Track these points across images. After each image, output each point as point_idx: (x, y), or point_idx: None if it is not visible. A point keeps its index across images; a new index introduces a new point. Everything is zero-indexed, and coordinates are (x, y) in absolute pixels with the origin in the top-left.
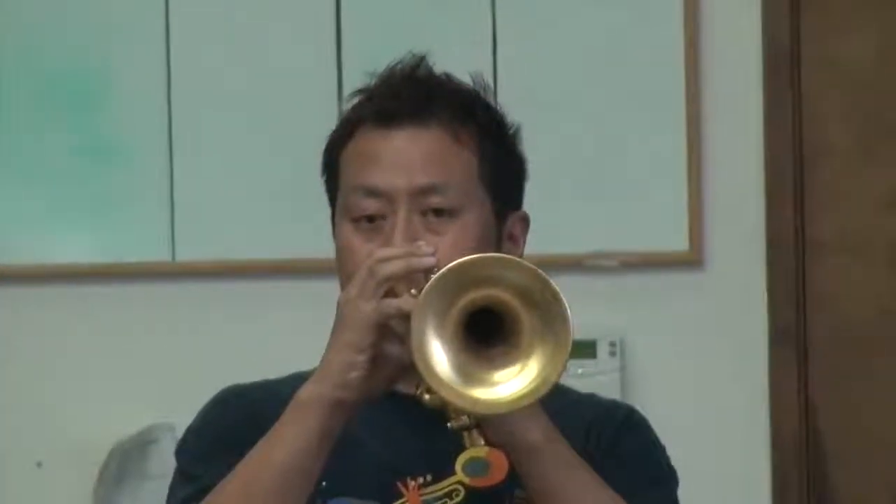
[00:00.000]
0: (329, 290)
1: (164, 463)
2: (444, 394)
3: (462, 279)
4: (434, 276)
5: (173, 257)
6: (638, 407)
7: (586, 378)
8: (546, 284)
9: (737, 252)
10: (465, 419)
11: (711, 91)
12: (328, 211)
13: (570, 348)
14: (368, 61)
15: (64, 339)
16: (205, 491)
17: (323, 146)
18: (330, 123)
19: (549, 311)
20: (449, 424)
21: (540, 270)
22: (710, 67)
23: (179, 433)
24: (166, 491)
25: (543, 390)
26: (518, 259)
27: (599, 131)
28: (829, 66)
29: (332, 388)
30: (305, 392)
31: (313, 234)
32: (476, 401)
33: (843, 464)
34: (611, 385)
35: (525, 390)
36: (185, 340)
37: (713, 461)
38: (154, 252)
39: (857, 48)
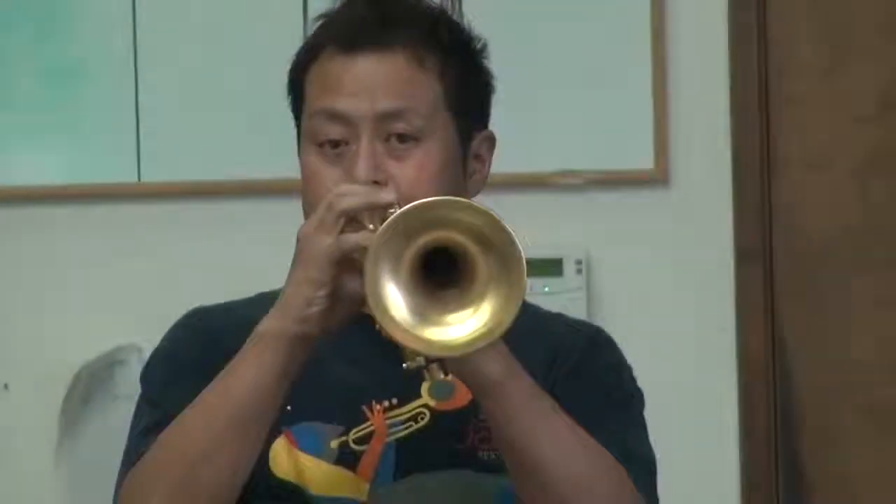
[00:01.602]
0: (296, 211)
1: (131, 383)
2: (398, 336)
3: (417, 221)
4: (388, 220)
5: (139, 178)
6: (604, 324)
7: (553, 296)
8: (501, 228)
9: (703, 170)
10: (420, 360)
11: (676, 8)
12: (294, 131)
13: (524, 291)
14: None
15: (30, 260)
16: (168, 418)
17: (287, 66)
18: (295, 43)
19: (504, 255)
20: (405, 365)
21: (495, 213)
22: None
23: (147, 354)
24: (132, 411)
25: (497, 333)
26: (472, 202)
27: (564, 47)
28: None
29: (292, 323)
30: (265, 326)
31: (279, 154)
32: (429, 342)
33: (808, 379)
34: (577, 302)
35: (478, 332)
36: (151, 261)
37: (679, 377)
38: (120, 173)
39: None
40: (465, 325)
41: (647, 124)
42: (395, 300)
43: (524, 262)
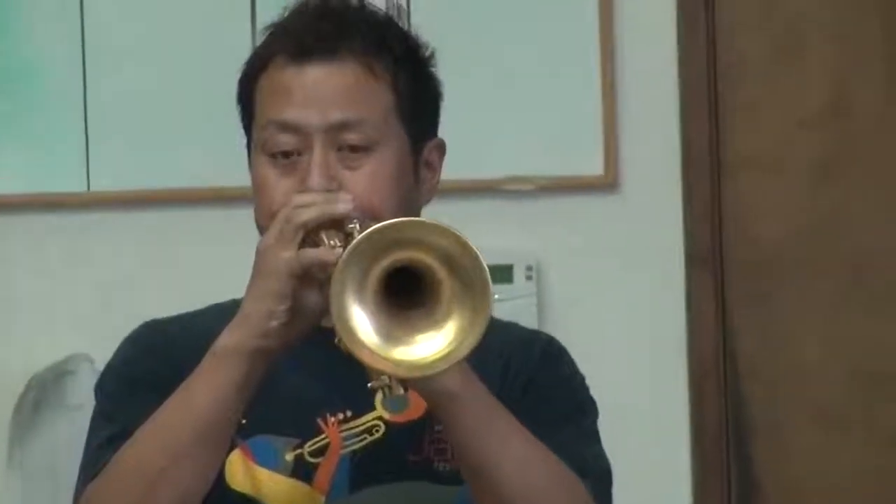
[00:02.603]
0: (246, 219)
1: (81, 393)
2: (365, 358)
3: (381, 243)
4: (352, 242)
5: (88, 187)
6: (554, 330)
7: (503, 302)
8: (467, 248)
9: (652, 175)
10: (385, 379)
11: (624, 12)
12: (244, 139)
13: (490, 312)
14: None
15: None
16: (124, 433)
17: (236, 74)
18: (244, 51)
19: (470, 275)
20: (369, 385)
21: (461, 234)
22: None
23: (97, 364)
24: (84, 421)
25: (462, 354)
26: (438, 222)
27: (512, 54)
28: None
29: (252, 338)
30: (224, 341)
31: (229, 163)
32: (394, 363)
33: (759, 384)
34: (527, 309)
35: (442, 353)
36: (101, 271)
37: (631, 384)
38: (69, 182)
39: None
40: (431, 344)
41: (596, 129)
42: (361, 322)
43: (490, 282)
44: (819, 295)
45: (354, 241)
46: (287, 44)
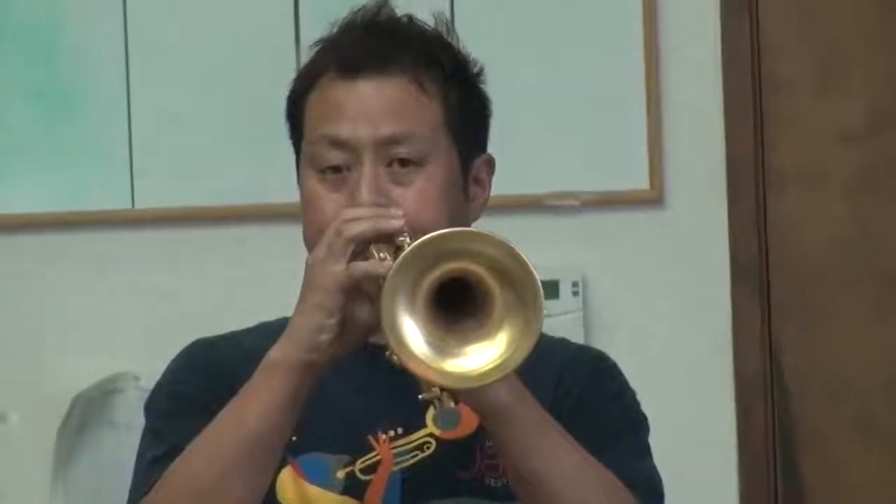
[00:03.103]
0: (294, 236)
1: (128, 412)
2: (414, 369)
3: (432, 253)
4: (403, 252)
5: (133, 204)
6: (601, 346)
7: (549, 318)
8: (518, 258)
9: (697, 189)
10: (435, 390)
11: (668, 27)
12: (290, 156)
13: (541, 323)
14: (324, 6)
15: (25, 289)
16: (175, 450)
17: (281, 91)
18: (288, 69)
19: (521, 285)
20: (420, 396)
21: (512, 244)
22: (667, 4)
23: (143, 382)
24: (130, 440)
25: (513, 365)
26: (489, 233)
27: (558, 69)
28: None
29: (302, 351)
30: (274, 355)
31: (275, 180)
32: (446, 374)
33: (806, 399)
34: (574, 325)
35: (494, 364)
36: (148, 289)
37: (677, 400)
38: (114, 200)
39: None
40: (482, 356)
41: (641, 145)
42: (411, 333)
43: (541, 292)
44: (863, 307)
45: (406, 251)
46: (336, 59)
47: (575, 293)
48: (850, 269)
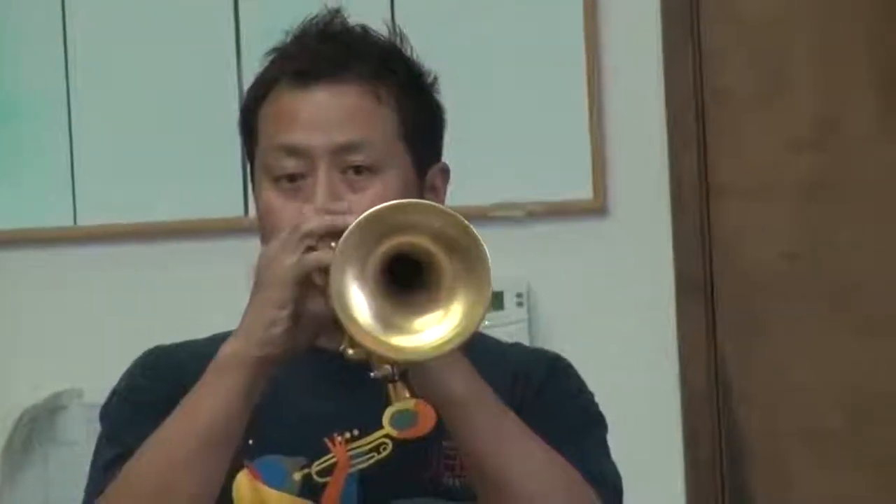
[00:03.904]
0: (231, 250)
1: (73, 429)
2: (365, 342)
3: (381, 226)
4: (352, 224)
5: (75, 221)
6: None
7: (494, 329)
8: (466, 229)
9: (641, 200)
10: (388, 368)
11: (610, 36)
12: (230, 169)
13: (490, 292)
14: (265, 16)
15: None
16: (128, 453)
17: (222, 103)
18: (228, 80)
19: (470, 256)
20: (372, 374)
21: (459, 216)
22: (608, 16)
23: (87, 399)
24: (75, 456)
25: (466, 335)
26: (437, 204)
27: (500, 80)
28: (727, 9)
29: (255, 345)
30: (227, 349)
31: (215, 194)
32: (398, 348)
33: (752, 409)
34: (518, 335)
35: (448, 335)
36: (90, 306)
37: (624, 412)
38: (56, 217)
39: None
40: (435, 329)
41: (585, 155)
42: (361, 307)
43: (489, 261)
44: (809, 318)
45: (354, 223)
46: (290, 68)
47: (519, 304)
48: (797, 279)
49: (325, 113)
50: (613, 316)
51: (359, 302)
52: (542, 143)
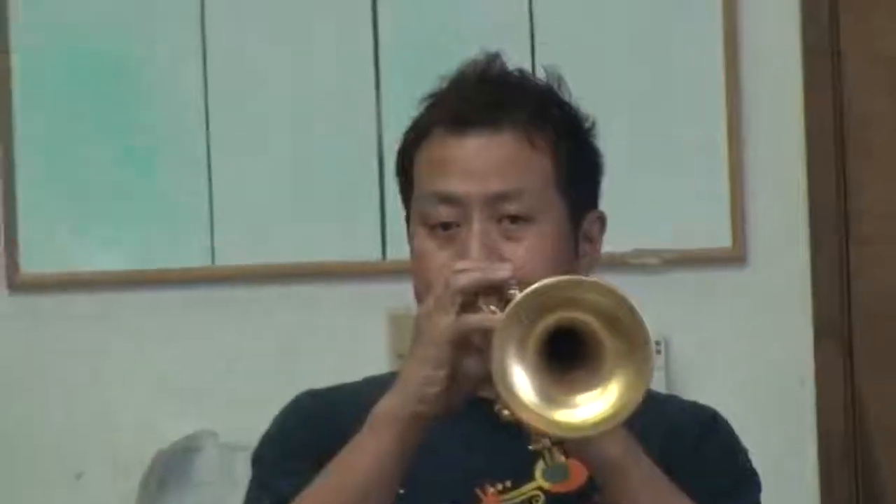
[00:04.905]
0: (368, 294)
1: (208, 470)
2: (525, 418)
3: (542, 302)
4: (513, 301)
5: (213, 261)
6: None
7: None
8: (628, 308)
9: (780, 248)
10: (545, 441)
11: (752, 82)
12: (369, 213)
13: (652, 372)
14: (406, 59)
15: (104, 348)
16: (282, 500)
17: (360, 147)
18: (368, 126)
19: (630, 334)
20: (530, 447)
21: (622, 292)
22: (748, 63)
23: (222, 439)
24: (210, 498)
25: (625, 414)
26: (599, 281)
27: (639, 128)
28: (870, 59)
29: (411, 403)
30: (384, 406)
31: (356, 237)
32: (557, 424)
33: (892, 459)
34: (656, 384)
35: (606, 414)
36: (227, 347)
37: (760, 460)
38: (193, 258)
39: None
40: (593, 406)
41: (723, 203)
42: (521, 382)
43: (652, 341)
44: None
45: (515, 300)
46: (446, 114)
47: (657, 352)
48: None
49: (479, 161)
50: (752, 365)
51: (519, 378)
52: (681, 190)
